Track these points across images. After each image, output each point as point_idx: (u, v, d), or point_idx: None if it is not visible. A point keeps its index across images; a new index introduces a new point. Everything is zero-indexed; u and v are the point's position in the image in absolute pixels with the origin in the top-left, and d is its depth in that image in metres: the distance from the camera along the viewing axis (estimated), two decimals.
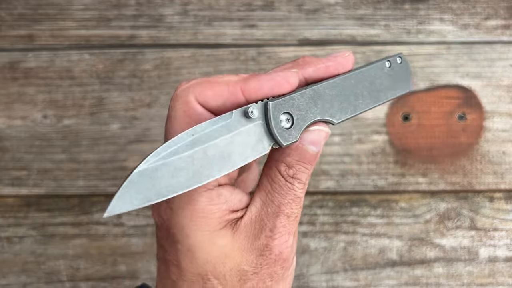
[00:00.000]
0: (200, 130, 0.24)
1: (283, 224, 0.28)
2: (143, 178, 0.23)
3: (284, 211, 0.28)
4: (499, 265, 0.48)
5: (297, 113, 0.27)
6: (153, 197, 0.23)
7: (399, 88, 0.32)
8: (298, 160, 0.28)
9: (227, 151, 0.25)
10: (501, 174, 0.49)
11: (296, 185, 0.28)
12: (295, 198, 0.28)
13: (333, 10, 0.50)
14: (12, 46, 0.50)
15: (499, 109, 0.49)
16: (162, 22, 0.50)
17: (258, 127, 0.26)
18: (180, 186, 0.23)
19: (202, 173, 0.24)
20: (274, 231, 0.28)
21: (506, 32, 0.50)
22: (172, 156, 0.24)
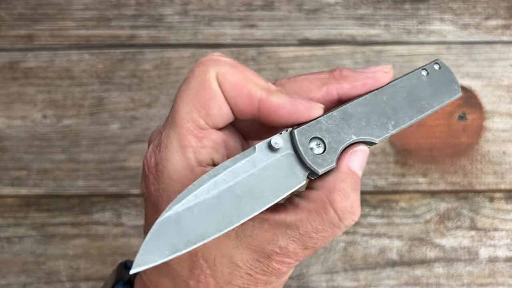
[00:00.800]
0: (223, 169, 0.22)
1: (295, 252, 0.25)
2: (167, 227, 0.21)
3: (306, 242, 0.25)
4: (499, 265, 0.48)
5: (327, 136, 0.25)
6: (181, 246, 0.21)
7: (444, 95, 0.29)
8: (352, 186, 0.25)
9: (256, 188, 0.22)
10: (501, 174, 0.49)
11: (342, 228, 0.25)
12: (330, 235, 0.25)
13: (333, 10, 0.50)
14: (12, 46, 0.50)
15: (499, 109, 0.49)
16: (162, 22, 0.50)
17: (287, 158, 0.24)
18: (210, 231, 0.21)
19: (233, 214, 0.22)
20: (283, 251, 0.25)
21: (506, 32, 0.50)
22: (195, 200, 0.22)
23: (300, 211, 0.24)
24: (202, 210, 0.21)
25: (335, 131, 0.25)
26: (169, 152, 0.25)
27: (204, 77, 0.25)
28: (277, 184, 0.23)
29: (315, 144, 0.24)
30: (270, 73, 0.50)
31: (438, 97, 0.29)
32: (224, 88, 0.25)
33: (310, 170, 0.24)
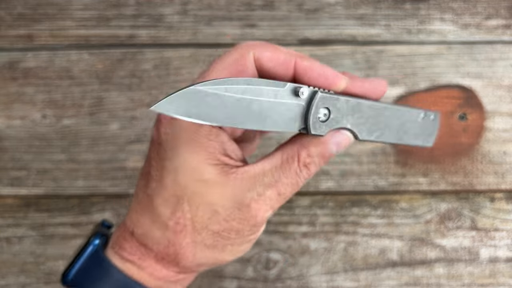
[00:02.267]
0: (255, 83, 0.26)
1: (271, 197, 0.29)
2: (195, 95, 0.25)
3: (279, 188, 0.29)
4: (499, 265, 0.48)
5: (335, 113, 0.29)
6: (193, 116, 0.25)
7: (421, 139, 0.34)
8: (319, 154, 0.30)
9: (266, 112, 0.27)
10: (502, 174, 0.49)
11: (303, 174, 0.29)
12: (295, 184, 0.29)
13: (334, 9, 0.50)
14: (12, 45, 0.50)
15: (500, 109, 0.49)
16: (162, 22, 0.50)
17: (298, 108, 0.28)
18: (216, 119, 0.25)
19: (238, 119, 0.26)
20: (261, 197, 0.29)
21: (507, 32, 0.50)
22: (225, 92, 0.25)
23: (275, 160, 0.29)
24: (223, 102, 0.25)
25: (342, 113, 0.29)
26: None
27: (240, 53, 0.29)
28: (279, 120, 0.27)
29: (323, 113, 0.28)
30: None
31: (416, 138, 0.34)
32: (263, 61, 0.29)
33: (306, 128, 0.28)
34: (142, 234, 0.30)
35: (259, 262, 0.48)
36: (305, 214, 0.49)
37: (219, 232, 0.29)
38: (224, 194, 0.29)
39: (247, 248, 0.31)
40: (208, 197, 0.29)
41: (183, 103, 0.24)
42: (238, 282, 0.48)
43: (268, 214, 0.30)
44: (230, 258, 0.31)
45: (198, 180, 0.29)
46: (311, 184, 0.49)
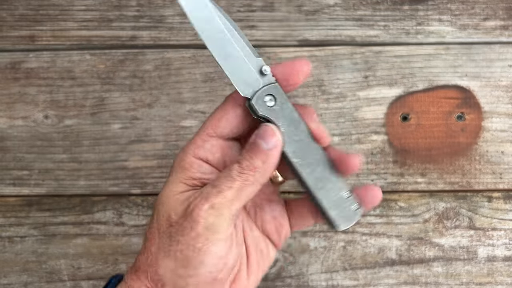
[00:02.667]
0: (241, 34, 0.31)
1: (207, 192, 0.30)
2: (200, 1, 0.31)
3: (214, 182, 0.30)
4: (497, 264, 0.48)
5: (279, 107, 0.31)
6: (187, 8, 0.32)
7: (337, 213, 0.32)
8: (247, 149, 0.30)
9: (230, 56, 0.30)
10: (499, 174, 0.49)
11: (235, 167, 0.30)
12: (228, 176, 0.30)
13: (333, 11, 0.50)
14: (14, 46, 0.51)
15: (498, 109, 0.49)
16: (163, 23, 0.50)
17: (254, 80, 0.31)
18: (197, 25, 0.31)
19: (210, 40, 0.30)
20: (198, 194, 0.30)
21: (505, 33, 0.50)
22: (217, 17, 0.31)
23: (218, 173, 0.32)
24: (211, 21, 0.31)
25: (282, 114, 0.31)
26: (187, 143, 0.33)
27: (223, 103, 0.32)
28: (235, 71, 0.31)
29: (269, 99, 0.31)
30: None
31: (333, 207, 0.32)
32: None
33: (249, 100, 0.30)
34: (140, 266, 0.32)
35: None
36: None
37: (171, 234, 0.30)
38: (176, 198, 0.31)
39: (196, 262, 0.30)
40: (168, 202, 0.31)
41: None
42: None
43: (204, 208, 0.29)
44: (184, 272, 0.30)
45: (169, 189, 0.31)
46: None
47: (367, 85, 0.50)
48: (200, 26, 0.30)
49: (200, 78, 0.50)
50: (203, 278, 0.30)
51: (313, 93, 0.50)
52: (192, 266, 0.30)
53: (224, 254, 0.30)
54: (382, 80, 0.50)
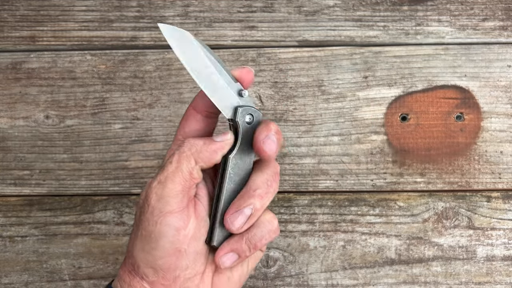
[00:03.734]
0: (223, 66, 0.35)
1: (158, 172, 0.34)
2: (185, 37, 0.34)
3: (164, 161, 0.34)
4: (496, 264, 0.48)
5: (249, 127, 0.35)
6: (174, 46, 0.34)
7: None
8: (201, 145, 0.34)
9: (215, 85, 0.34)
10: (498, 174, 0.49)
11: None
12: (171, 161, 0.33)
13: (332, 11, 0.50)
14: (15, 47, 0.51)
15: (497, 109, 0.49)
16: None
17: (234, 103, 0.35)
18: (187, 62, 0.34)
19: (200, 75, 0.34)
20: (151, 181, 0.33)
21: (504, 33, 0.50)
22: (203, 53, 0.34)
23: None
24: (198, 58, 0.34)
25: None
26: None
27: (185, 113, 0.37)
28: (220, 98, 0.34)
29: (248, 117, 0.35)
30: (269, 74, 0.50)
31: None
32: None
33: (233, 120, 0.35)
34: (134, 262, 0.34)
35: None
36: (304, 213, 0.49)
37: (137, 216, 0.34)
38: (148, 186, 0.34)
39: (157, 238, 0.33)
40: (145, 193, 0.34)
41: (177, 35, 0.34)
42: None
43: (153, 185, 0.33)
44: (152, 252, 0.33)
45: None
46: (310, 183, 0.49)
47: (367, 85, 0.50)
48: (190, 65, 0.34)
49: None
50: (167, 250, 0.32)
51: (313, 93, 0.50)
52: (153, 239, 0.32)
53: (182, 225, 0.33)
54: (382, 80, 0.50)
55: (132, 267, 0.34)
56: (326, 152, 0.49)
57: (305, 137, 0.49)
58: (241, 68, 0.35)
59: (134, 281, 0.33)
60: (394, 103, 0.50)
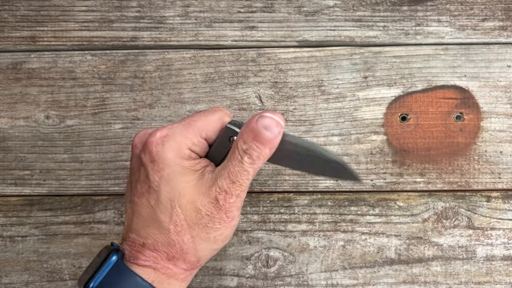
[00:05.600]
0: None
1: (228, 187, 0.35)
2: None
3: (230, 177, 0.35)
4: (496, 263, 0.48)
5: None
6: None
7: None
8: (252, 139, 0.35)
9: None
10: (498, 174, 0.49)
11: (246, 160, 0.35)
12: (242, 170, 0.35)
13: (332, 11, 0.50)
14: (15, 47, 0.51)
15: (496, 109, 0.49)
16: (164, 24, 0.50)
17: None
18: None
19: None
20: (221, 189, 0.35)
21: (503, 33, 0.50)
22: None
23: (225, 159, 0.36)
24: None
25: None
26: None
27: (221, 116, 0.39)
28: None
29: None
30: (270, 74, 0.50)
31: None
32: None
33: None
34: (153, 243, 0.36)
35: (259, 260, 0.49)
36: (304, 212, 0.49)
37: (207, 225, 0.35)
38: (200, 193, 0.35)
39: (231, 233, 0.37)
40: (190, 196, 0.35)
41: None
42: (238, 279, 0.49)
43: (232, 201, 0.35)
44: (221, 245, 0.37)
45: (182, 182, 0.35)
46: (310, 183, 0.49)
47: (367, 85, 0.50)
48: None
49: (200, 78, 0.50)
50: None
51: (312, 93, 0.50)
52: (226, 238, 0.37)
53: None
54: (381, 80, 0.50)
55: (136, 235, 0.36)
56: None
57: (305, 137, 0.49)
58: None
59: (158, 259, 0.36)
60: (394, 103, 0.50)
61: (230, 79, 0.50)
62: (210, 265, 0.49)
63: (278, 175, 0.49)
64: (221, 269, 0.49)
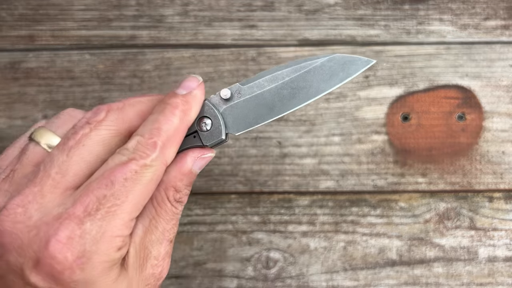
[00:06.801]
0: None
1: (167, 250, 0.28)
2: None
3: (168, 237, 0.28)
4: (498, 265, 0.48)
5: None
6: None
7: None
8: (187, 184, 0.29)
9: None
10: (500, 174, 0.49)
11: (180, 209, 0.29)
12: (177, 222, 0.29)
13: (333, 10, 0.50)
14: (13, 46, 0.51)
15: (499, 109, 0.49)
16: (163, 23, 0.50)
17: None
18: None
19: None
20: (159, 258, 0.28)
21: (506, 33, 0.50)
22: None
23: (146, 221, 0.28)
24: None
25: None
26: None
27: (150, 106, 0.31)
28: None
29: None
30: None
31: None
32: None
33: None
34: None
35: (259, 261, 0.49)
36: (305, 213, 0.49)
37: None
38: (134, 284, 0.27)
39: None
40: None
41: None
42: (238, 281, 0.48)
43: (168, 262, 0.29)
44: None
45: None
46: (311, 184, 0.49)
47: (368, 85, 0.50)
48: None
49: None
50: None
51: None
52: None
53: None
54: (383, 80, 0.50)
55: None
56: (326, 152, 0.49)
57: (305, 137, 0.49)
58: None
59: None
60: (396, 103, 0.49)
61: (230, 79, 0.50)
62: (209, 267, 0.49)
63: (278, 175, 0.49)
64: (221, 271, 0.49)
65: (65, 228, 0.24)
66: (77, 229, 0.24)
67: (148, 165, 0.26)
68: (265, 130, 0.49)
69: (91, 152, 0.26)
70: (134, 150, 0.26)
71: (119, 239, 0.25)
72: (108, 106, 0.28)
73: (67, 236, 0.24)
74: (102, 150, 0.27)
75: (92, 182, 0.25)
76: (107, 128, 0.27)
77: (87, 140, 0.26)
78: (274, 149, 0.49)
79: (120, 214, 0.25)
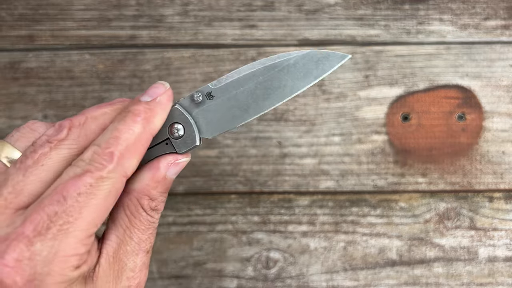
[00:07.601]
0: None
1: (143, 261, 0.27)
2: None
3: (144, 247, 0.27)
4: (498, 265, 0.48)
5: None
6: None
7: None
8: (163, 191, 0.28)
9: None
10: (500, 174, 0.49)
11: (156, 217, 0.27)
12: (153, 231, 0.27)
13: (333, 10, 0.50)
14: (13, 46, 0.50)
15: (499, 109, 0.49)
16: (163, 23, 0.50)
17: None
18: None
19: None
20: (135, 270, 0.27)
21: (506, 33, 0.50)
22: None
23: (121, 233, 0.27)
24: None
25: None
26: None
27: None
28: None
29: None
30: None
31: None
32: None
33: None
34: None
35: (259, 261, 0.48)
36: (305, 213, 0.49)
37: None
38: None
39: None
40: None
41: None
42: (238, 281, 0.48)
43: (146, 273, 0.27)
44: None
45: None
46: (311, 184, 0.49)
47: (368, 84, 0.50)
48: None
49: (199, 77, 0.50)
50: None
51: (313, 92, 0.49)
52: None
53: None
54: (383, 79, 0.49)
55: None
56: (326, 152, 0.49)
57: (305, 137, 0.49)
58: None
59: None
60: (396, 102, 0.49)
61: None
62: (209, 267, 0.49)
63: (278, 176, 0.49)
64: (221, 271, 0.48)
65: (12, 251, 0.22)
66: (26, 251, 0.22)
67: (104, 177, 0.24)
68: (265, 130, 0.49)
69: (49, 171, 0.25)
70: (90, 161, 0.24)
71: (75, 258, 0.23)
72: (70, 122, 0.27)
73: (14, 259, 0.22)
74: (62, 167, 0.26)
75: (44, 198, 0.23)
76: (68, 147, 0.26)
77: (46, 160, 0.25)
78: (274, 149, 0.49)
79: (73, 232, 0.23)
